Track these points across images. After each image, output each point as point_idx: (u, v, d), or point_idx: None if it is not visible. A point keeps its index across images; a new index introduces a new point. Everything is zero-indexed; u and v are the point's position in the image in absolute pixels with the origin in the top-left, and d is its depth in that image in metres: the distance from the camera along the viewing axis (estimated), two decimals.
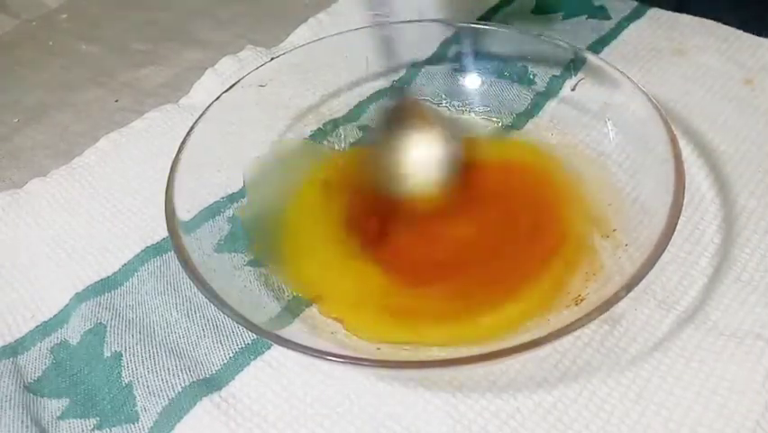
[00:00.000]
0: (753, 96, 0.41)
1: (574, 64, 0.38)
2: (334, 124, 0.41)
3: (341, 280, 0.33)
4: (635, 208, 0.33)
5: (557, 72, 0.40)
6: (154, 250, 0.36)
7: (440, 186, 0.36)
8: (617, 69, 0.36)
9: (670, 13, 0.48)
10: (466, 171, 0.37)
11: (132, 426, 0.29)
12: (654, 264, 0.27)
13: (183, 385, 0.30)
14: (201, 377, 0.31)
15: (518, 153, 0.39)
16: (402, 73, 0.44)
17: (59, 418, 0.30)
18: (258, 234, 0.35)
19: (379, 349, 0.30)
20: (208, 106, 0.36)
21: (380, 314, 0.32)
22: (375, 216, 0.35)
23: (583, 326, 0.26)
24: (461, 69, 0.42)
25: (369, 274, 0.33)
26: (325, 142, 0.41)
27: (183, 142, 0.34)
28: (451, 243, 0.34)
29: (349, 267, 0.34)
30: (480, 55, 0.41)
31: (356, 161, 0.39)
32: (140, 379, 0.31)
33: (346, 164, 0.39)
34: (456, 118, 0.40)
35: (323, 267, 0.34)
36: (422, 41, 0.44)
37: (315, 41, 0.41)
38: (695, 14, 0.47)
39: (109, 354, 0.32)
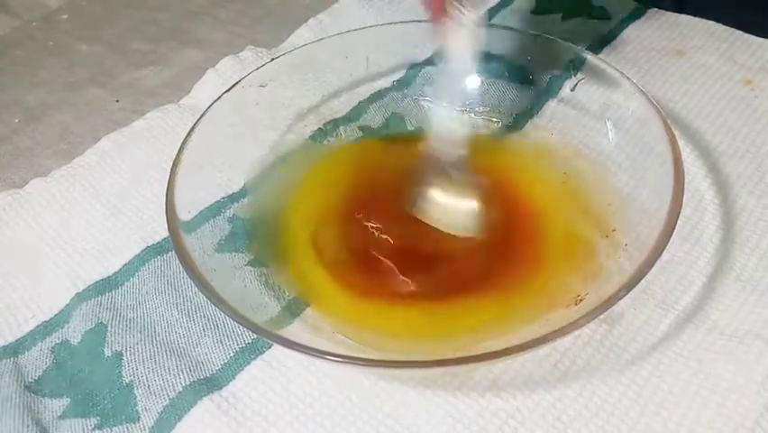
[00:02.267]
0: (752, 97, 0.41)
1: (574, 64, 0.38)
2: (335, 124, 0.41)
3: (337, 281, 0.33)
4: (635, 208, 0.33)
5: (557, 72, 0.40)
6: (155, 250, 0.36)
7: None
8: (617, 70, 0.36)
9: (669, 13, 0.48)
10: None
11: (133, 425, 0.29)
12: (654, 264, 0.27)
13: (184, 385, 0.30)
14: (202, 377, 0.31)
15: (517, 155, 0.39)
16: (402, 73, 0.44)
17: (59, 417, 0.30)
18: (258, 234, 0.35)
19: (378, 349, 0.30)
20: (209, 107, 0.37)
21: (377, 315, 0.32)
22: (373, 215, 0.36)
23: (583, 325, 0.26)
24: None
25: (367, 274, 0.33)
26: (326, 142, 0.41)
27: (184, 143, 0.34)
28: (449, 243, 0.35)
29: (346, 268, 0.34)
30: (479, 55, 0.41)
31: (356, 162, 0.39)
32: (140, 378, 0.31)
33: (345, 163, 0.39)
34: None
35: (320, 268, 0.34)
36: (422, 41, 0.44)
37: (315, 41, 0.41)
38: (694, 15, 0.47)
39: (110, 354, 0.32)
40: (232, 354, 0.31)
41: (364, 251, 0.34)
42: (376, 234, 0.35)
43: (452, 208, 0.35)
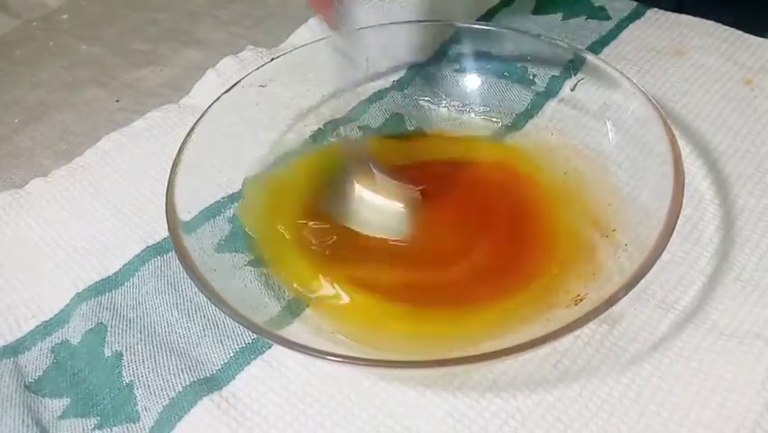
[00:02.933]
0: (752, 96, 0.41)
1: (574, 64, 0.38)
2: (335, 124, 0.41)
3: (338, 281, 0.33)
4: (635, 208, 0.33)
5: (557, 72, 0.40)
6: (155, 250, 0.36)
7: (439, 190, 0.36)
8: (617, 70, 0.36)
9: (669, 13, 0.48)
10: (465, 174, 0.37)
11: (133, 425, 0.30)
12: (654, 264, 0.27)
13: (183, 385, 0.30)
14: (201, 377, 0.31)
15: (517, 155, 0.39)
16: (402, 73, 0.44)
17: (59, 417, 0.30)
18: (258, 234, 0.35)
19: (378, 349, 0.30)
20: (209, 107, 0.37)
21: (377, 315, 0.32)
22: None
23: (583, 325, 0.26)
24: (461, 69, 0.42)
25: (367, 274, 0.33)
26: (326, 143, 0.41)
27: (184, 143, 0.34)
28: (449, 244, 0.35)
29: (347, 267, 0.34)
30: (480, 55, 0.41)
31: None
32: (140, 378, 0.31)
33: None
34: None
35: (320, 268, 0.34)
36: (422, 42, 0.44)
37: (315, 41, 0.41)
38: (694, 15, 0.47)
39: (110, 354, 0.32)
40: (232, 354, 0.31)
41: (364, 251, 0.34)
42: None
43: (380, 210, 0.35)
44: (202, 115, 0.36)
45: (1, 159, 0.44)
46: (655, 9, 0.48)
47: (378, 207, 0.35)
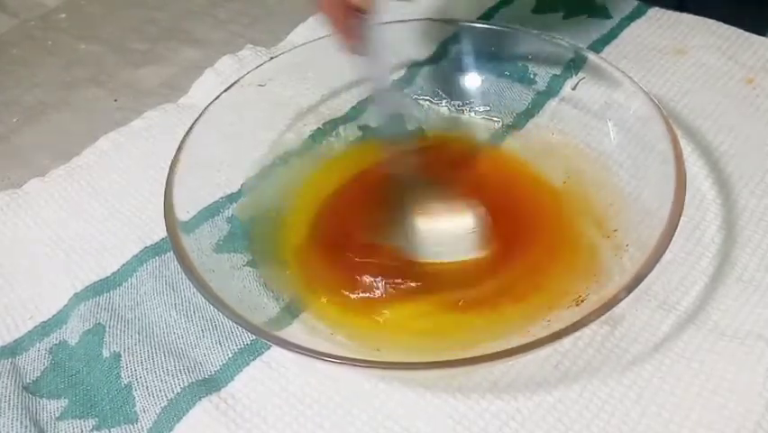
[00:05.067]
0: (754, 96, 0.41)
1: (575, 63, 0.38)
2: (334, 123, 0.41)
3: (337, 282, 0.33)
4: (636, 208, 0.33)
5: (558, 71, 0.40)
6: (153, 250, 0.36)
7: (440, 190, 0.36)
8: (618, 69, 0.36)
9: (671, 12, 0.48)
10: (465, 173, 0.37)
11: (131, 426, 0.29)
12: (655, 265, 0.27)
13: (182, 386, 0.30)
14: (200, 378, 0.30)
15: (517, 155, 0.39)
16: (402, 73, 0.44)
17: (57, 418, 0.30)
18: (257, 234, 0.35)
19: (378, 350, 0.30)
20: (207, 106, 0.36)
21: (376, 316, 0.31)
22: (373, 215, 0.35)
23: (584, 326, 0.26)
24: (461, 68, 0.42)
25: (367, 275, 0.33)
26: (325, 142, 0.41)
27: (182, 142, 0.34)
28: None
29: (346, 268, 0.33)
30: (480, 55, 0.41)
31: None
32: (139, 379, 0.31)
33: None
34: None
35: (320, 269, 0.34)
36: (422, 41, 0.43)
37: (314, 40, 0.41)
38: (696, 14, 0.47)
39: (108, 355, 0.32)
40: (230, 355, 0.31)
41: (364, 252, 0.34)
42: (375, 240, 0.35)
43: (449, 237, 0.33)
44: (200, 115, 0.36)
45: None
46: (657, 8, 0.48)
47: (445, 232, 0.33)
